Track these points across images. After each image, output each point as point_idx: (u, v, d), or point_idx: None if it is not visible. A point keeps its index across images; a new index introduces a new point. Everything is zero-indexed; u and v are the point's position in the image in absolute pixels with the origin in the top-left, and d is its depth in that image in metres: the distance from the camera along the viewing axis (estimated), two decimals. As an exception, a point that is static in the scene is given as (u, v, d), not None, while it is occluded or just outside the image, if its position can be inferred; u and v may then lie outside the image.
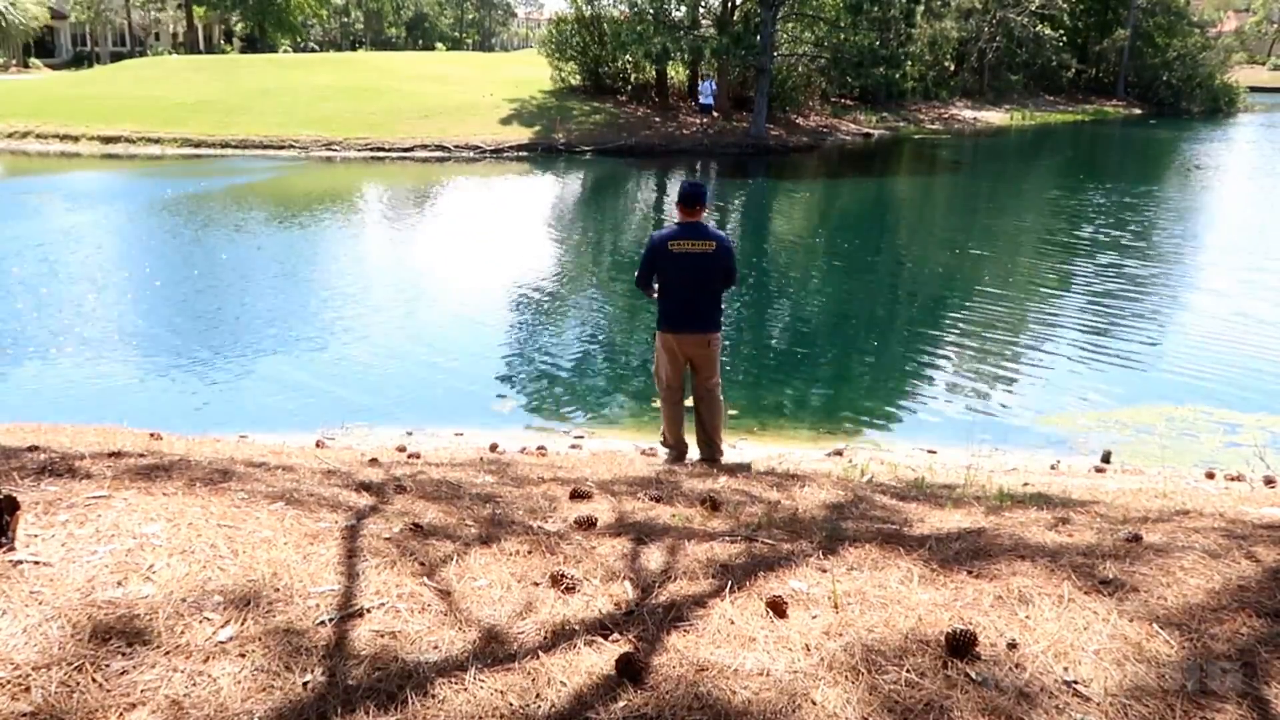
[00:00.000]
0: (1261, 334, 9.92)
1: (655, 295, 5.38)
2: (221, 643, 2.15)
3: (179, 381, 8.29)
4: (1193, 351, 9.29)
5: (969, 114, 37.44)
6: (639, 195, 21.86)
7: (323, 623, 2.28)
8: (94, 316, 10.13)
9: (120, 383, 8.21)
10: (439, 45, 71.08)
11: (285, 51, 54.69)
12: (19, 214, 16.41)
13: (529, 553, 2.82)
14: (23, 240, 14.09)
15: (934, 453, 6.64)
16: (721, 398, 5.65)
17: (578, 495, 3.59)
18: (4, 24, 34.86)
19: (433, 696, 2.02)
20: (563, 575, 2.60)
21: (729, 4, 29.14)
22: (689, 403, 5.67)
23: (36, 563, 2.42)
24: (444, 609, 2.41)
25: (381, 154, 24.51)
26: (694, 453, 5.67)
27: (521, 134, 26.13)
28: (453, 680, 2.08)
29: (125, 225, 15.62)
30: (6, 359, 8.67)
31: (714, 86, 28.66)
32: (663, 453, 5.72)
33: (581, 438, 6.89)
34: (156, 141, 24.81)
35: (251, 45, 57.50)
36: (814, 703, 2.05)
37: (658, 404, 6.86)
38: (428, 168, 23.29)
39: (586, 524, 3.18)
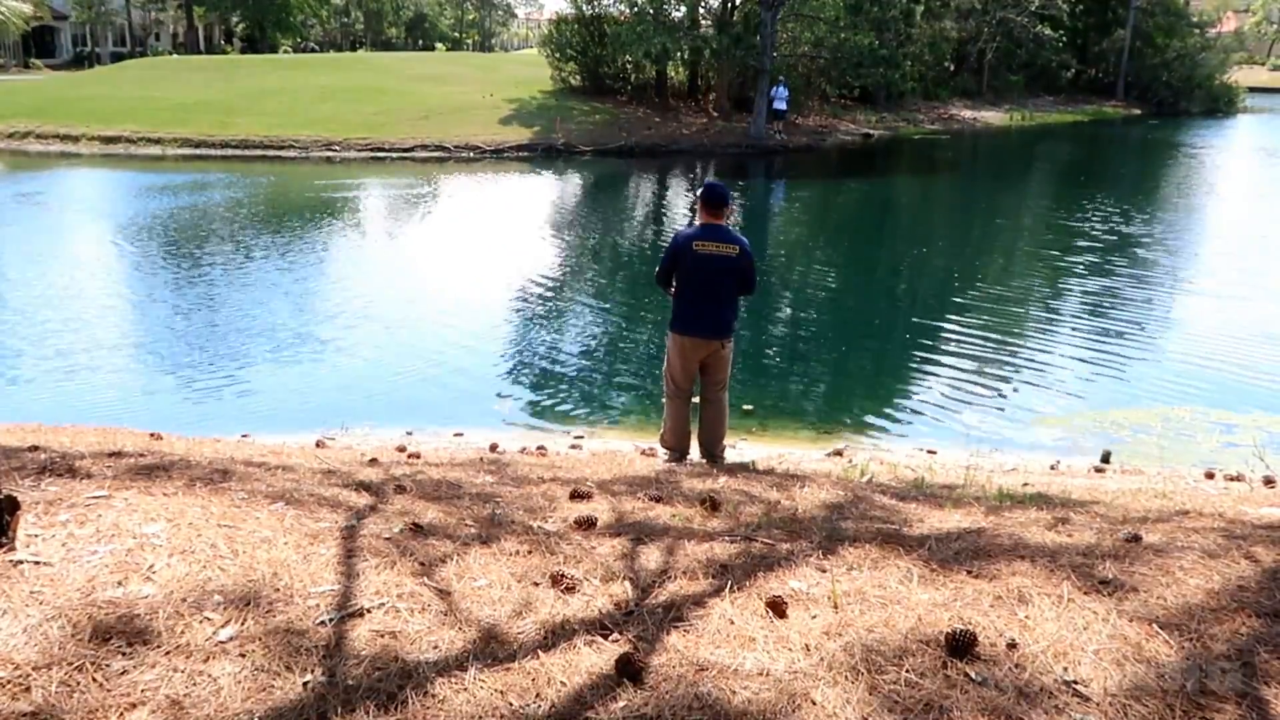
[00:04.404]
0: (1255, 336, 9.93)
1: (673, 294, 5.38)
2: (222, 642, 2.15)
3: (179, 382, 8.29)
4: (1189, 353, 9.29)
5: (968, 114, 37.41)
6: (639, 195, 21.86)
7: (323, 623, 2.28)
8: (93, 317, 10.13)
9: (120, 383, 8.20)
10: (439, 45, 71.08)
11: (285, 52, 54.70)
12: (16, 213, 16.41)
13: (529, 553, 2.82)
14: (20, 239, 14.10)
15: (934, 453, 6.65)
16: (727, 402, 5.65)
17: (577, 495, 3.59)
18: None
19: (433, 696, 2.02)
20: (562, 575, 2.60)
21: (729, 4, 29.13)
22: (694, 401, 5.67)
23: (37, 563, 2.42)
24: (444, 609, 2.41)
25: (381, 154, 24.51)
26: (694, 455, 5.67)
27: (521, 134, 26.12)
28: (453, 680, 2.08)
29: (122, 225, 15.61)
30: (7, 360, 8.67)
31: (786, 90, 27.37)
32: (662, 454, 5.71)
33: (581, 438, 6.89)
34: (157, 142, 24.79)
35: (252, 45, 57.49)
36: (814, 703, 2.05)
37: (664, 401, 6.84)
38: (428, 168, 23.28)
39: (586, 524, 3.19)
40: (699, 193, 5.39)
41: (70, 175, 21.64)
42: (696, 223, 5.39)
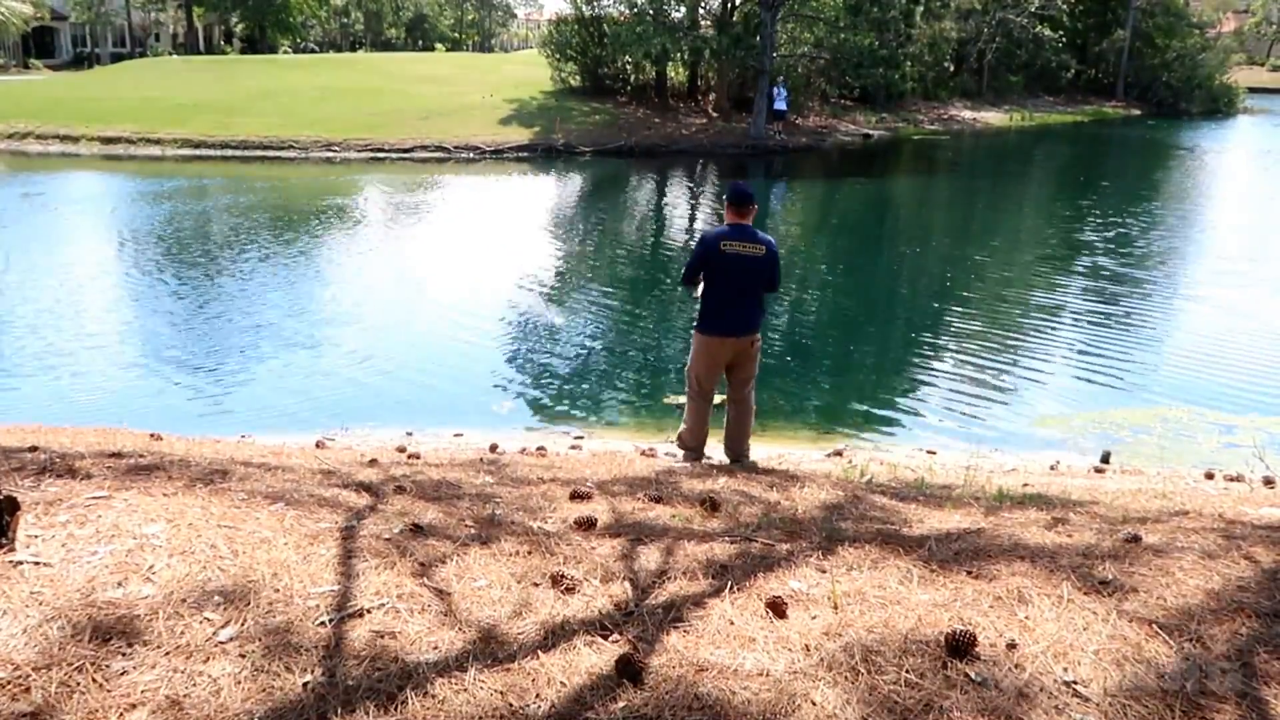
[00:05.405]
0: (1252, 337, 9.94)
1: (698, 294, 5.39)
2: (221, 643, 2.15)
3: (179, 382, 8.29)
4: (1189, 353, 9.31)
5: (968, 115, 37.41)
6: (638, 196, 21.87)
7: (322, 623, 2.28)
8: (94, 318, 10.13)
9: (120, 383, 8.20)
10: (439, 46, 71.07)
11: (285, 52, 54.70)
12: (18, 214, 16.41)
13: (528, 553, 2.82)
14: (20, 240, 14.10)
15: (934, 453, 6.65)
16: (754, 401, 5.65)
17: (577, 496, 3.59)
18: None
19: (432, 696, 2.02)
20: (562, 575, 2.60)
21: (729, 4, 29.14)
22: (717, 400, 5.67)
23: (37, 563, 2.42)
24: (443, 609, 2.41)
25: (381, 155, 24.50)
26: (715, 454, 5.68)
27: (521, 134, 26.12)
28: (452, 680, 2.08)
29: (122, 226, 15.62)
30: (8, 360, 8.67)
31: (786, 90, 27.54)
32: (678, 454, 5.69)
33: (581, 438, 6.89)
34: (156, 142, 24.79)
35: (251, 46, 57.50)
36: (813, 703, 2.05)
37: (670, 401, 6.83)
38: (428, 168, 23.28)
39: (586, 524, 3.19)
40: (726, 193, 5.42)
41: (70, 176, 21.64)
42: (724, 223, 5.39)
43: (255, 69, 34.83)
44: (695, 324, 5.46)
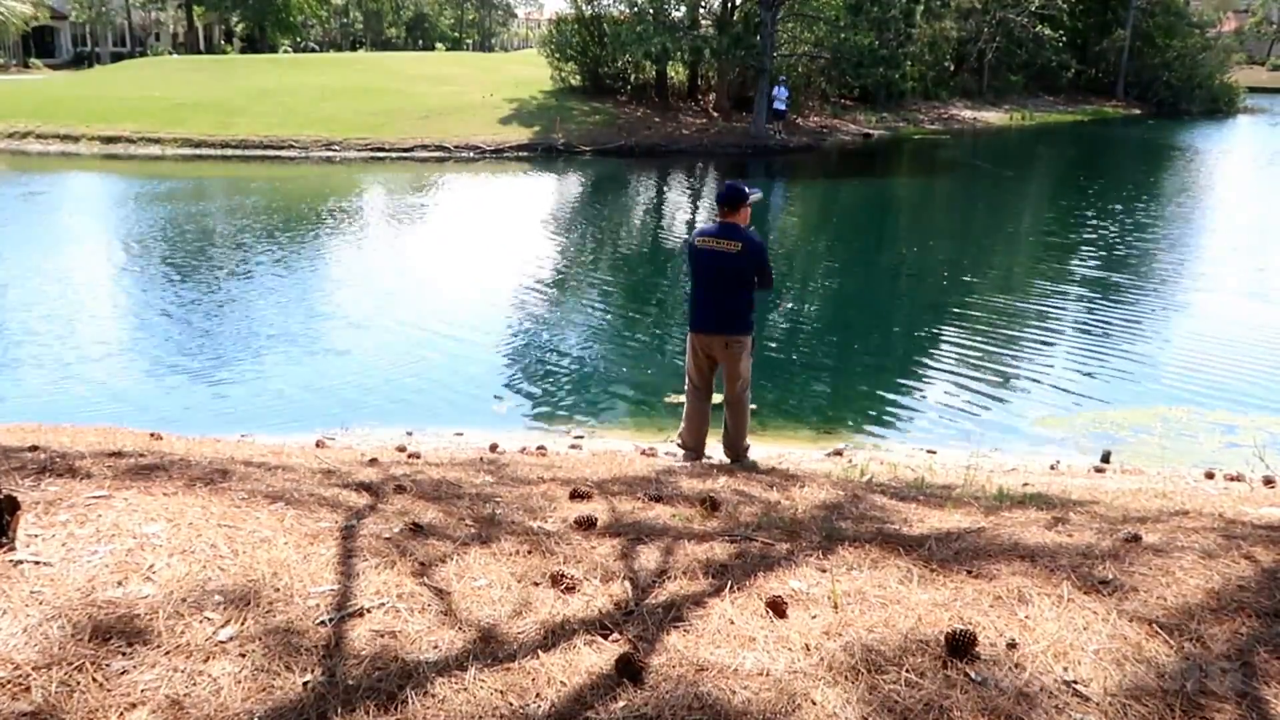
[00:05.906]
0: (1255, 336, 9.93)
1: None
2: (221, 642, 2.15)
3: (179, 382, 8.29)
4: (1189, 353, 9.30)
5: (969, 114, 37.40)
6: (638, 196, 21.87)
7: (322, 622, 2.28)
8: (94, 317, 10.13)
9: (120, 383, 8.20)
10: (439, 45, 71.10)
11: (285, 52, 54.72)
12: (18, 214, 16.41)
13: (528, 552, 2.82)
14: (20, 240, 14.10)
15: (934, 453, 6.64)
16: (749, 402, 5.66)
17: (577, 495, 3.59)
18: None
19: (432, 696, 2.02)
20: (562, 575, 2.60)
21: (729, 4, 29.14)
22: (716, 399, 5.69)
23: (37, 563, 2.42)
24: (443, 609, 2.41)
25: (382, 154, 24.50)
26: (717, 455, 5.68)
27: (521, 134, 26.12)
28: (452, 680, 2.08)
29: (122, 226, 15.62)
30: (8, 360, 8.67)
31: (786, 90, 27.41)
32: (678, 454, 5.70)
33: (581, 438, 6.89)
34: (157, 142, 24.79)
35: (252, 45, 57.53)
36: (814, 703, 2.05)
37: (670, 400, 6.86)
38: (428, 168, 23.28)
39: (586, 524, 3.18)
40: None
41: (71, 176, 21.64)
42: (713, 220, 5.45)
43: (255, 69, 34.84)
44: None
